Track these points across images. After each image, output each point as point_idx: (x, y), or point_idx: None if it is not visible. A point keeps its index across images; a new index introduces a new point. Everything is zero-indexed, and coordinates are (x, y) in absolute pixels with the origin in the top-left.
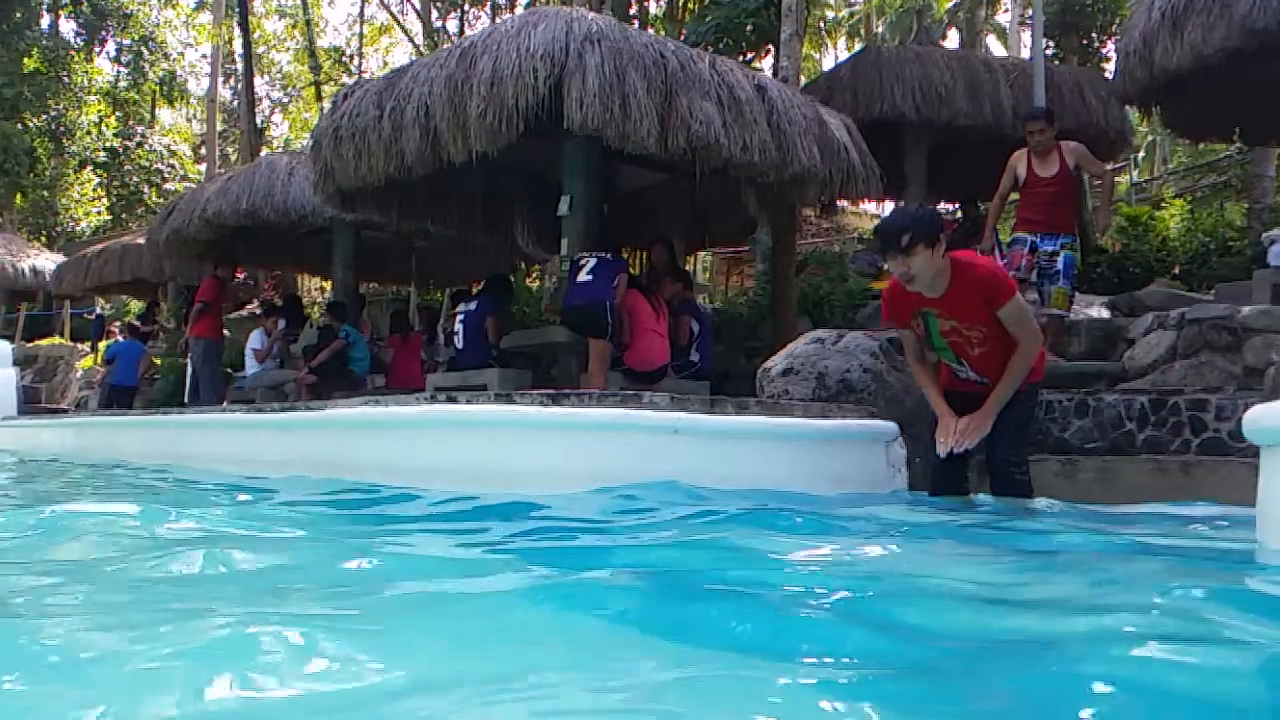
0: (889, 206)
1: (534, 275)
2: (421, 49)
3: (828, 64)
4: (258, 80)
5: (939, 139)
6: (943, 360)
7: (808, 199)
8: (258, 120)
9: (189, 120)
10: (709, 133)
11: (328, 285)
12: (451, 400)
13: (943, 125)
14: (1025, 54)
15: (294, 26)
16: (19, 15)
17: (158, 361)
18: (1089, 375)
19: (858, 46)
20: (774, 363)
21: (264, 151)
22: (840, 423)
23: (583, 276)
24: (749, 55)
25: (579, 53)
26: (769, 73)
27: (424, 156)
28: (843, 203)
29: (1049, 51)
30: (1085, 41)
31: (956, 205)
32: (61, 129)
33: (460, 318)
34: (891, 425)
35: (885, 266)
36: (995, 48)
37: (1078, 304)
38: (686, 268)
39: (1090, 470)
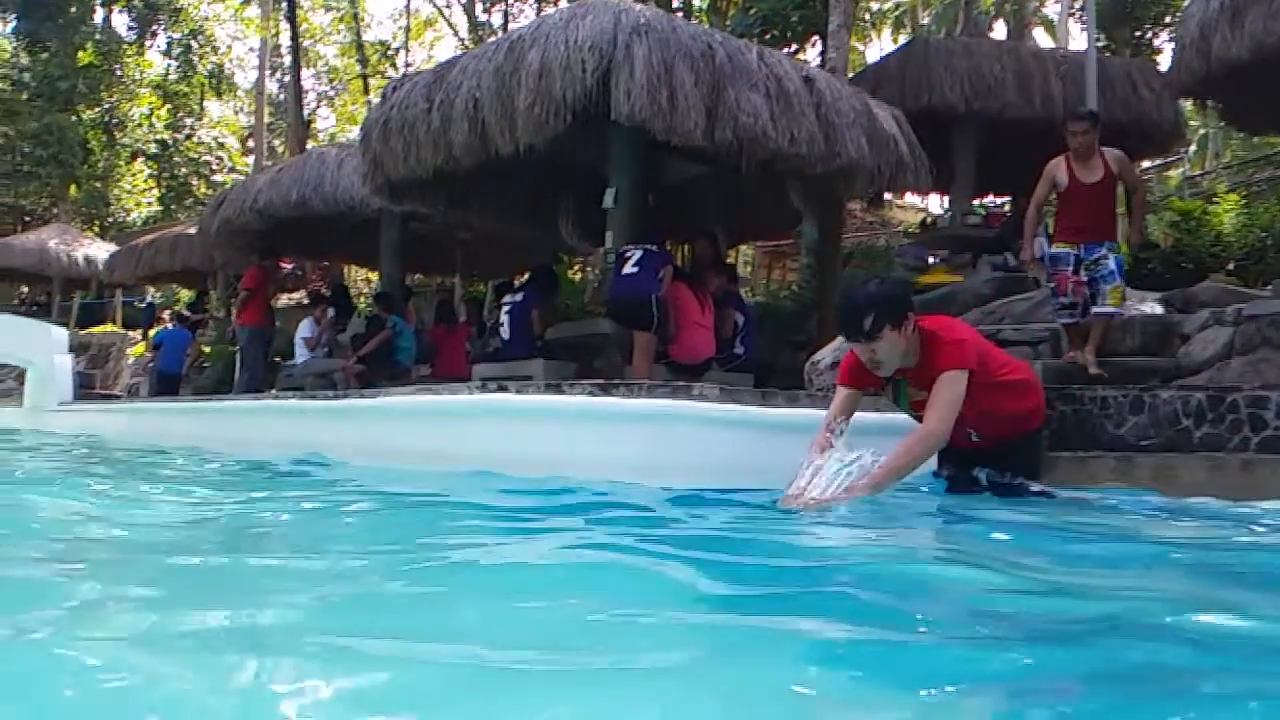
0: (935, 200)
1: (576, 268)
2: (466, 43)
3: (872, 56)
4: (304, 73)
5: (988, 131)
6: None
7: (856, 191)
8: (304, 113)
9: (236, 113)
10: (756, 125)
11: (373, 276)
12: (502, 389)
13: (992, 118)
14: (1074, 46)
15: (340, 20)
16: (74, 10)
17: (207, 350)
18: (1142, 371)
19: (903, 38)
20: (822, 355)
21: (310, 144)
22: (889, 416)
23: (628, 269)
24: (794, 47)
25: (627, 44)
26: (814, 64)
27: (472, 148)
28: (888, 195)
29: (1099, 44)
30: (1138, 33)
31: (1006, 199)
32: (114, 121)
33: (506, 309)
34: None
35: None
36: (1043, 40)
37: (1130, 299)
38: (729, 261)
39: (1146, 467)
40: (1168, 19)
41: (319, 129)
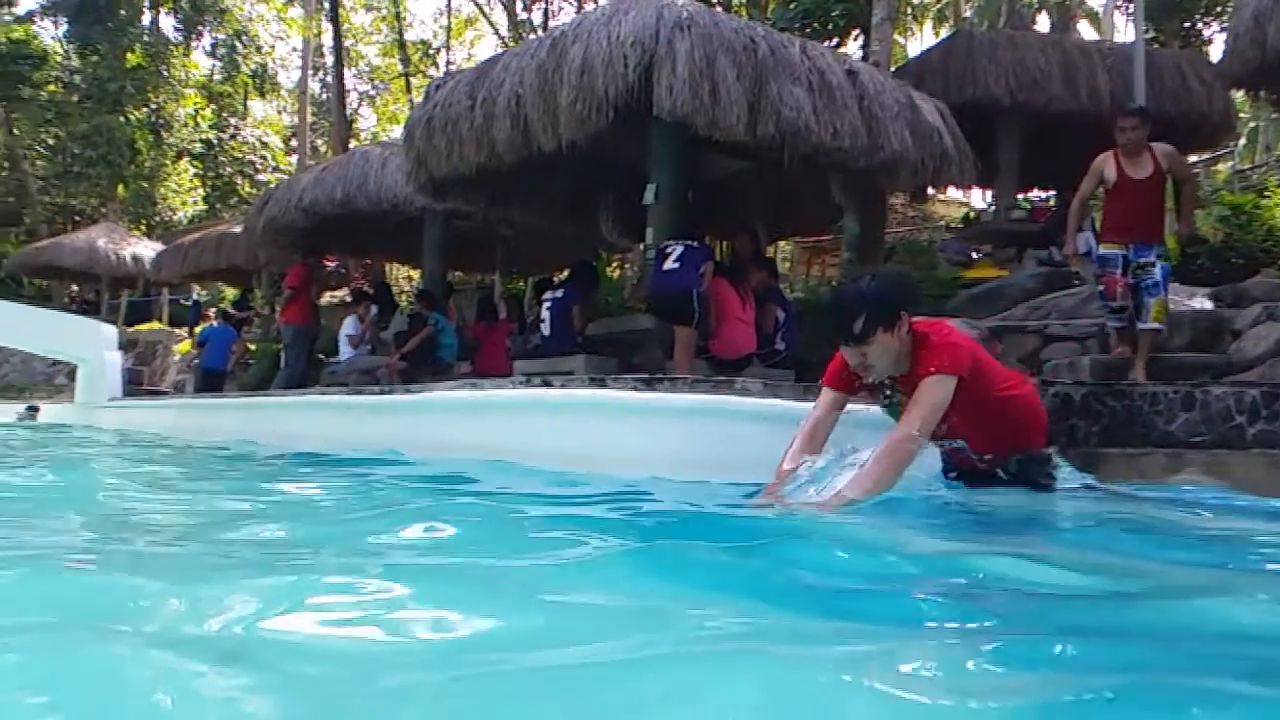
0: (978, 195)
1: (615, 265)
2: (506, 41)
3: (914, 50)
4: (346, 73)
5: (1033, 125)
6: None
7: (900, 185)
8: (346, 112)
9: (279, 112)
10: (799, 118)
11: (414, 274)
12: (546, 385)
13: (1037, 111)
14: (1120, 39)
15: (382, 19)
16: (123, 13)
17: (252, 347)
18: (1192, 368)
19: (945, 32)
20: None
21: (353, 143)
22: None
23: (669, 264)
24: (834, 41)
25: (669, 39)
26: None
27: (514, 145)
28: (931, 190)
29: (1147, 36)
30: (1187, 24)
31: (1051, 194)
32: (160, 121)
33: (547, 305)
34: None
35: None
36: (1087, 33)
37: (1179, 295)
38: (769, 256)
39: (1197, 464)
40: (1219, 9)
41: (360, 128)
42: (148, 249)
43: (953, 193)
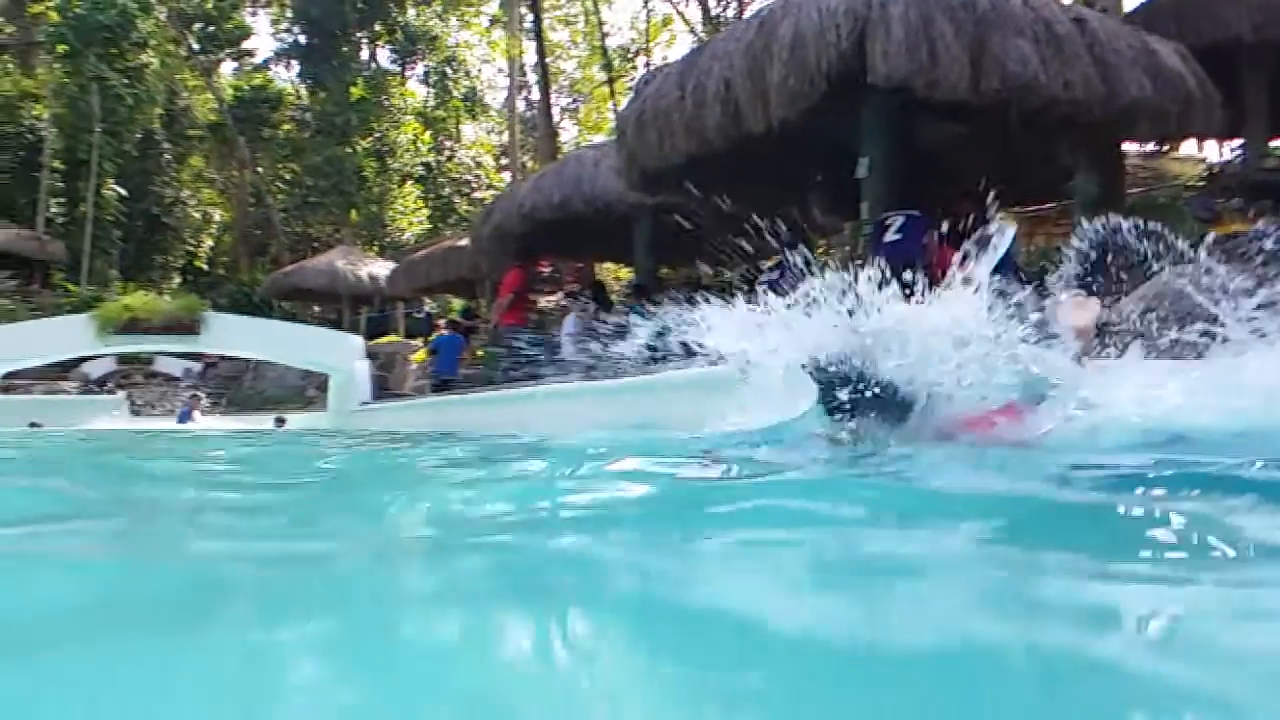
0: (1213, 150)
1: (820, 249)
2: (701, 38)
3: (1130, 3)
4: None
5: None
6: None
7: (1140, 135)
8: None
9: (488, 133)
10: (1026, 71)
11: (621, 273)
12: None
13: None
14: None
15: (581, 34)
16: (345, 49)
17: (480, 353)
18: None
19: None
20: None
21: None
22: None
23: (890, 236)
24: None
25: (882, 3)
26: None
27: (724, 131)
28: (1173, 141)
29: None
30: None
31: None
32: (384, 149)
33: (763, 288)
34: None
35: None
36: None
37: None
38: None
39: None
40: None
41: (562, 141)
42: (381, 268)
43: (1186, 149)
